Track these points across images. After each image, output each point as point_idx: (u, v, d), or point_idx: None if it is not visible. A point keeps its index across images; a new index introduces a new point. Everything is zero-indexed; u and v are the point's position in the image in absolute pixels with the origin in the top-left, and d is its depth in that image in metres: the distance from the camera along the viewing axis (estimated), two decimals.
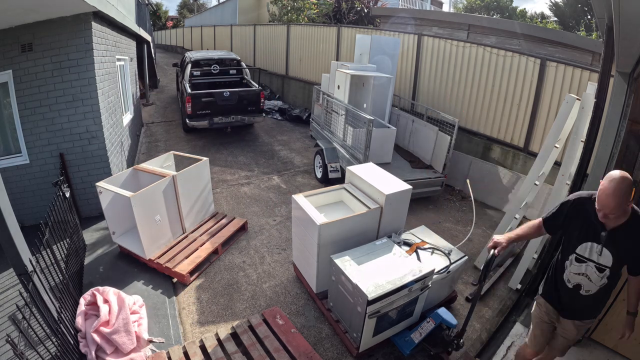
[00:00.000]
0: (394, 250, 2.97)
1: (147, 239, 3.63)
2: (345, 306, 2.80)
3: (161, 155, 4.50)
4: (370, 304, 2.45)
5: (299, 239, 3.40)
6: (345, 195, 3.59)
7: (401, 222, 3.41)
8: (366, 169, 3.64)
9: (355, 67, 5.81)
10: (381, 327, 2.71)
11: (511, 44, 8.21)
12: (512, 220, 3.92)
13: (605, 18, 2.46)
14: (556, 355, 2.37)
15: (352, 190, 3.49)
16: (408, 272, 2.68)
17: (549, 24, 19.57)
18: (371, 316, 2.52)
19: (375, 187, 3.24)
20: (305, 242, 3.25)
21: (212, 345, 2.75)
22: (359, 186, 3.51)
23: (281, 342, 2.77)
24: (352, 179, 3.63)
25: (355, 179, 3.57)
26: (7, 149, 4.20)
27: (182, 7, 41.17)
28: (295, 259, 3.66)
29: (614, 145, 2.52)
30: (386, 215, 3.21)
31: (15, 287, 3.23)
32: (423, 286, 2.74)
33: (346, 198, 3.58)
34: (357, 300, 2.57)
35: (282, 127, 9.25)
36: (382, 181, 3.35)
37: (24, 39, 3.86)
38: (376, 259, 2.85)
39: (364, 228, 3.17)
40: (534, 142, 5.23)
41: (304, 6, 13.96)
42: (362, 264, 2.78)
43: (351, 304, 2.66)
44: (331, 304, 3.08)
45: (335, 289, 2.91)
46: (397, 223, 3.37)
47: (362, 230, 3.16)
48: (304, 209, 3.12)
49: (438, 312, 2.72)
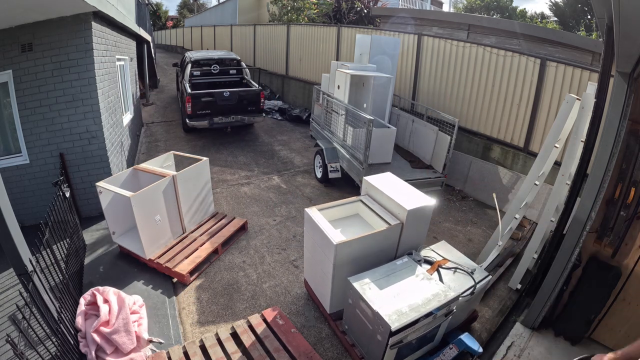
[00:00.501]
0: (417, 271, 2.76)
1: (147, 239, 3.63)
2: (363, 332, 2.61)
3: (161, 155, 4.50)
4: (393, 334, 2.27)
5: (312, 255, 3.16)
6: (361, 208, 3.35)
7: (421, 238, 3.18)
8: (384, 180, 3.39)
9: (355, 67, 5.81)
10: (401, 355, 2.55)
11: (511, 44, 8.21)
12: (512, 220, 3.92)
13: (605, 18, 2.46)
14: None
15: (369, 203, 3.25)
16: (432, 297, 2.48)
17: (549, 24, 19.57)
18: (393, 347, 2.36)
19: (395, 200, 3.00)
20: (319, 259, 3.01)
21: (212, 345, 2.75)
22: (377, 199, 3.27)
23: (281, 342, 2.77)
24: (369, 191, 3.38)
25: (372, 191, 3.33)
26: (7, 148, 4.20)
27: (182, 7, 41.16)
28: (307, 275, 3.42)
29: (614, 145, 2.52)
30: (407, 231, 2.98)
31: (15, 287, 3.23)
32: (448, 311, 2.57)
33: (363, 211, 3.35)
34: (377, 329, 2.39)
35: (282, 127, 9.25)
36: (402, 194, 3.11)
37: (24, 39, 3.86)
38: (397, 282, 2.63)
39: (382, 246, 2.95)
40: (534, 142, 5.23)
41: (304, 6, 13.96)
42: (383, 287, 2.58)
43: (370, 330, 2.48)
44: (346, 326, 2.89)
45: (352, 313, 2.70)
46: (417, 239, 3.13)
47: (380, 248, 2.94)
48: (319, 225, 2.88)
49: (462, 339, 2.62)
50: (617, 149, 2.53)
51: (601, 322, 2.91)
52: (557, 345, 2.96)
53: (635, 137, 2.61)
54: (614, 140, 2.52)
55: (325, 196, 5.53)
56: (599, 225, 2.81)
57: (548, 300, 2.95)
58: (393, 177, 3.47)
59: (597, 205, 2.61)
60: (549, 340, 3.01)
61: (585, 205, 2.66)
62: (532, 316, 3.08)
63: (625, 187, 2.66)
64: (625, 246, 2.71)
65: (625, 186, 2.66)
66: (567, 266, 2.81)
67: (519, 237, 4.57)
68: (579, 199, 2.79)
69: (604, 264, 2.80)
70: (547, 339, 3.02)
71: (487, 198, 5.64)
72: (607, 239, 2.79)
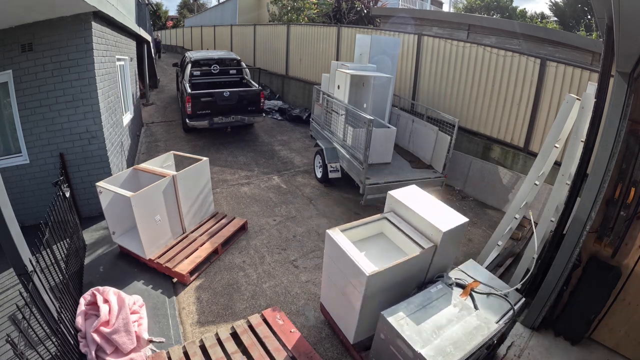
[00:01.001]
0: (452, 299, 2.55)
1: (147, 239, 3.63)
2: None
3: (161, 155, 4.50)
4: None
5: (333, 280, 2.87)
6: (387, 226, 3.05)
7: (451, 259, 2.98)
8: (410, 195, 3.09)
9: (355, 67, 5.81)
10: None
11: (511, 44, 8.21)
12: (512, 220, 3.92)
13: (605, 18, 2.46)
14: None
15: (396, 222, 2.96)
16: (475, 332, 2.27)
17: (549, 23, 19.57)
18: None
19: (428, 220, 2.72)
20: (342, 287, 2.73)
21: (212, 345, 2.75)
22: (405, 217, 2.97)
23: (281, 342, 2.77)
24: (395, 207, 3.07)
25: (399, 207, 3.02)
26: (7, 148, 4.20)
27: (182, 7, 41.18)
28: (325, 300, 3.13)
29: (614, 145, 2.52)
30: (440, 254, 2.73)
31: (15, 287, 3.23)
32: (490, 344, 2.36)
33: (388, 230, 3.05)
34: None
35: (282, 127, 9.25)
36: (434, 212, 2.82)
37: (24, 39, 3.85)
38: (435, 315, 2.41)
39: (413, 271, 2.70)
40: (534, 142, 5.23)
41: (304, 6, 13.96)
42: (420, 322, 2.34)
43: None
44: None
45: (384, 349, 2.44)
46: (448, 261, 2.92)
47: (412, 274, 2.70)
48: (345, 251, 2.58)
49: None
50: (617, 149, 2.53)
51: (601, 322, 2.91)
52: (557, 345, 2.96)
53: (635, 137, 2.61)
54: (614, 140, 2.52)
55: (325, 196, 5.53)
56: (599, 225, 2.81)
57: (548, 300, 2.95)
58: (419, 191, 3.17)
59: (597, 205, 2.61)
60: (549, 340, 3.01)
61: (585, 205, 2.66)
62: (532, 316, 3.08)
63: (625, 187, 2.67)
64: (625, 246, 2.71)
65: (625, 186, 2.67)
66: (567, 266, 2.81)
67: (519, 237, 4.58)
68: (579, 199, 2.79)
69: (604, 264, 2.81)
70: (547, 339, 3.02)
71: (487, 198, 5.65)
72: (607, 239, 2.79)
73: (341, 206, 5.26)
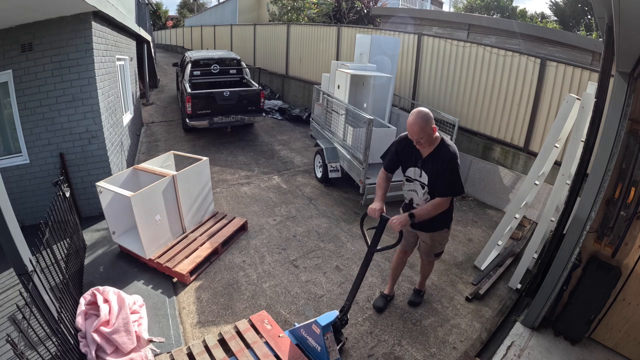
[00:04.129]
0: None
1: (147, 239, 3.62)
2: None
3: (161, 155, 4.50)
4: None
5: None
6: None
7: None
8: None
9: (355, 67, 5.81)
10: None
11: (511, 43, 8.21)
12: (512, 220, 3.92)
13: (605, 18, 2.46)
14: (422, 257, 3.21)
15: None
16: None
17: (549, 23, 19.55)
18: None
19: None
20: None
21: (199, 353, 2.70)
22: None
23: (270, 348, 2.73)
24: None
25: None
26: (7, 148, 4.20)
27: (182, 7, 41.18)
28: None
29: (614, 145, 2.52)
30: None
31: (15, 287, 3.23)
32: None
33: None
34: None
35: (282, 127, 9.24)
36: None
37: (24, 38, 3.85)
38: None
39: None
40: (534, 141, 5.23)
41: (304, 6, 13.96)
42: None
43: None
44: None
45: None
46: None
47: None
48: None
49: (318, 321, 2.53)
50: (617, 149, 2.52)
51: (601, 322, 2.91)
52: (557, 345, 2.97)
53: (635, 137, 2.61)
54: (613, 140, 2.51)
55: (325, 196, 5.53)
56: (599, 225, 2.81)
57: (548, 300, 2.95)
58: None
59: (597, 205, 2.61)
60: (549, 340, 3.01)
61: (585, 205, 2.66)
62: (532, 316, 3.08)
63: (625, 187, 2.66)
64: (625, 246, 2.71)
65: (625, 186, 2.66)
66: (567, 266, 2.81)
67: (519, 237, 4.58)
68: (579, 199, 2.79)
69: (604, 263, 2.80)
70: (547, 339, 3.02)
71: (487, 198, 5.64)
72: (607, 239, 2.79)
73: (341, 206, 5.26)
